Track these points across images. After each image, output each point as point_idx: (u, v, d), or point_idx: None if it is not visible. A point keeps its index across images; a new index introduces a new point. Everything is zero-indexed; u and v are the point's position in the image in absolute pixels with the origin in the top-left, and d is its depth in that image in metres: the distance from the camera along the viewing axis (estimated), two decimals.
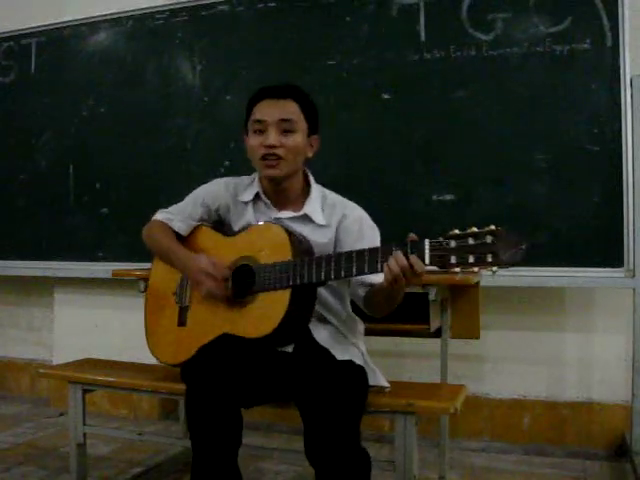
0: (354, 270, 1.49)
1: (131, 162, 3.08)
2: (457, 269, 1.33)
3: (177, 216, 1.85)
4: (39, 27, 3.28)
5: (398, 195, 2.63)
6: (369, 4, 2.69)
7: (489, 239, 1.30)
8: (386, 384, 1.78)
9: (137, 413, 3.18)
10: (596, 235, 2.43)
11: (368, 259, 1.47)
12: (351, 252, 1.51)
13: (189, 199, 1.88)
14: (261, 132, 1.71)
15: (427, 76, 2.61)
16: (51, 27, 3.26)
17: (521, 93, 2.51)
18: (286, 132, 1.70)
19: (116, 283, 3.07)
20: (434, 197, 2.60)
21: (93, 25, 3.17)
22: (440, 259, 1.35)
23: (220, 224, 1.86)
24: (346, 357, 1.68)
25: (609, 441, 2.63)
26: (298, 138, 1.71)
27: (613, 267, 2.40)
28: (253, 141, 1.72)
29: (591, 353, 2.68)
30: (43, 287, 3.47)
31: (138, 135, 3.07)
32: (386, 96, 2.66)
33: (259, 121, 1.71)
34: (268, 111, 1.70)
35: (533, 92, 2.49)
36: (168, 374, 2.15)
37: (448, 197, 2.58)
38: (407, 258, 1.38)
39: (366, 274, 1.50)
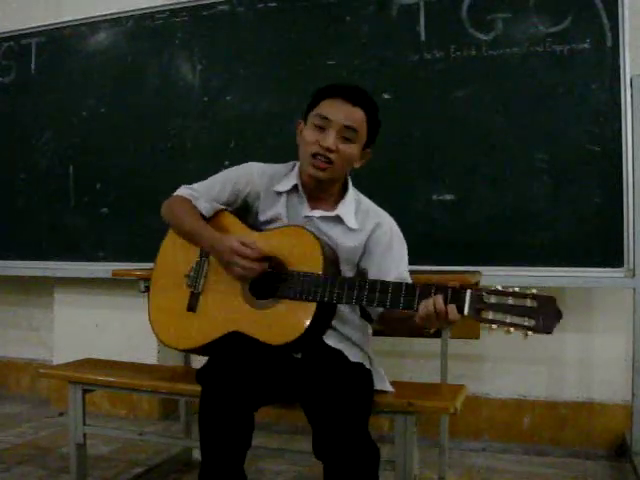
0: (388, 303, 1.49)
1: (131, 162, 3.08)
2: (493, 326, 1.35)
3: (203, 195, 1.77)
4: (39, 27, 3.28)
5: (398, 195, 2.63)
6: (369, 4, 2.69)
7: (529, 303, 1.33)
8: (391, 389, 1.78)
9: (137, 413, 3.18)
10: (596, 235, 2.43)
11: (404, 296, 1.47)
12: (387, 283, 1.50)
13: (218, 179, 1.79)
14: (321, 129, 1.65)
15: (427, 76, 2.62)
16: (51, 27, 3.26)
17: (521, 93, 2.51)
18: (345, 139, 1.65)
19: (116, 283, 3.07)
20: (434, 197, 2.60)
21: (93, 25, 3.17)
22: (478, 313, 1.37)
23: (245, 210, 1.79)
24: (357, 360, 1.68)
25: (609, 441, 2.63)
26: (355, 149, 1.67)
27: (613, 267, 2.40)
28: (310, 135, 1.66)
29: (591, 353, 2.68)
30: (43, 287, 3.47)
31: (138, 135, 3.07)
32: (386, 96, 2.66)
33: (324, 118, 1.65)
34: (336, 112, 1.64)
35: (533, 92, 2.49)
36: (168, 374, 2.16)
37: (448, 197, 2.58)
38: (445, 304, 1.39)
39: (400, 309, 1.49)
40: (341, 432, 1.48)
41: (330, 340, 1.69)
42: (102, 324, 3.27)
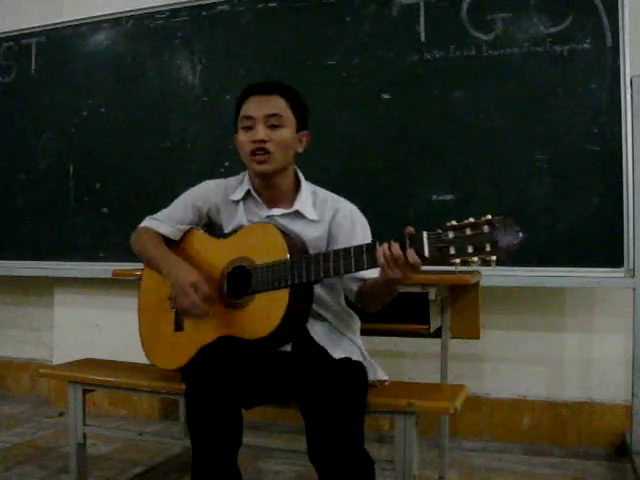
0: (353, 266, 1.49)
1: (131, 162, 3.08)
2: (457, 260, 1.32)
3: (166, 221, 1.84)
4: (39, 27, 3.28)
5: (398, 195, 2.63)
6: (369, 4, 2.69)
7: (487, 228, 1.29)
8: (385, 377, 1.79)
9: (137, 413, 3.18)
10: (596, 235, 2.43)
11: (366, 254, 1.46)
12: (348, 248, 1.51)
13: (178, 203, 1.87)
14: (249, 128, 1.72)
15: (427, 76, 2.62)
16: (51, 27, 3.26)
17: (521, 93, 2.51)
18: (274, 127, 1.70)
19: (116, 283, 3.07)
20: (434, 197, 2.60)
21: (93, 25, 3.17)
22: (439, 251, 1.34)
23: (210, 227, 1.85)
24: (343, 355, 1.68)
25: (609, 441, 2.63)
26: (286, 133, 1.72)
27: (613, 267, 2.40)
28: (242, 137, 1.73)
29: (591, 353, 2.68)
30: (43, 287, 3.48)
31: (138, 135, 3.07)
32: (386, 96, 2.66)
33: (247, 117, 1.72)
34: (255, 107, 1.72)
35: (533, 92, 2.49)
36: (168, 374, 2.15)
37: (448, 197, 2.58)
38: (404, 250, 1.38)
39: (365, 269, 1.49)
40: (332, 442, 1.48)
41: (317, 334, 1.70)
42: (102, 324, 3.27)
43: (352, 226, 1.74)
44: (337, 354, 1.67)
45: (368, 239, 1.73)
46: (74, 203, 3.20)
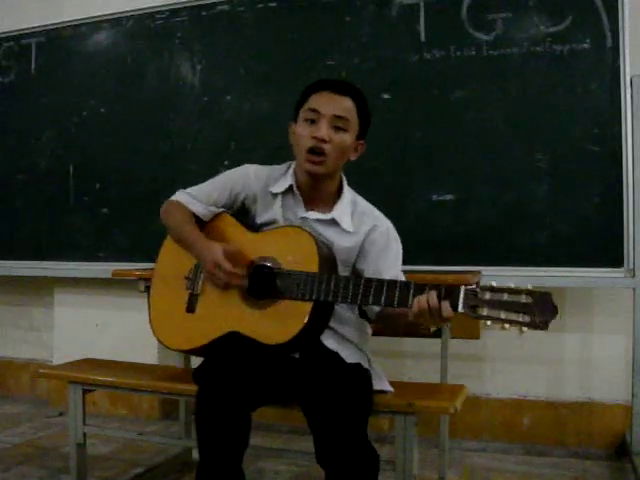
0: (382, 300, 1.48)
1: (131, 162, 3.08)
2: (488, 322, 1.34)
3: (199, 200, 1.79)
4: (39, 27, 3.28)
5: (398, 195, 2.63)
6: (369, 4, 2.69)
7: (524, 299, 1.31)
8: (390, 389, 1.78)
9: (137, 413, 3.18)
10: (596, 235, 2.43)
11: (399, 293, 1.46)
12: (382, 281, 1.49)
13: (215, 184, 1.80)
14: (313, 122, 1.65)
15: (427, 76, 2.62)
16: (51, 27, 3.26)
17: (521, 93, 2.51)
18: (338, 129, 1.66)
19: (116, 283, 3.07)
20: (434, 197, 2.60)
21: (93, 25, 3.17)
22: (472, 309, 1.36)
23: (243, 213, 1.79)
24: (354, 360, 1.68)
25: (609, 441, 2.63)
26: (348, 138, 1.68)
27: (613, 267, 2.40)
28: (302, 130, 1.67)
29: (591, 353, 2.69)
30: (43, 287, 3.47)
31: (138, 135, 3.07)
32: (386, 96, 2.66)
33: (314, 110, 1.66)
34: (325, 103, 1.65)
35: (533, 92, 2.49)
36: (168, 374, 2.16)
37: (448, 197, 2.58)
38: (439, 301, 1.39)
39: (394, 307, 1.48)
40: (340, 440, 1.48)
41: (328, 340, 1.69)
42: (102, 324, 3.27)
43: (386, 245, 1.71)
44: (349, 359, 1.67)
45: (399, 262, 1.73)
46: (74, 203, 3.20)
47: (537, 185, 2.49)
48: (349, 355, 1.69)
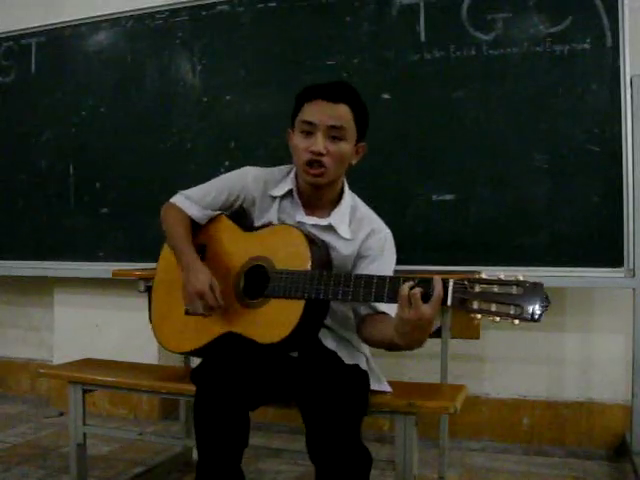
0: (372, 296, 1.47)
1: (131, 162, 3.08)
2: (478, 316, 1.31)
3: (197, 203, 1.79)
4: (39, 27, 3.28)
5: (398, 195, 2.63)
6: (369, 4, 2.69)
7: (515, 290, 1.29)
8: (388, 389, 1.78)
9: (137, 413, 3.18)
10: (596, 235, 2.42)
11: (388, 287, 1.44)
12: (372, 277, 1.48)
13: (214, 187, 1.80)
14: (309, 134, 1.64)
15: (427, 76, 2.61)
16: (51, 27, 3.26)
17: (521, 93, 2.51)
18: (334, 139, 1.63)
19: (116, 283, 3.07)
20: (434, 197, 2.60)
21: (93, 25, 3.17)
22: (461, 303, 1.33)
23: (242, 216, 1.79)
24: (353, 361, 1.68)
25: (609, 441, 2.63)
26: (346, 146, 1.65)
27: (613, 267, 2.40)
28: (299, 142, 1.65)
29: (591, 353, 2.69)
30: (43, 287, 3.47)
31: (138, 135, 3.07)
32: (386, 96, 2.66)
33: (308, 123, 1.64)
34: (319, 114, 1.62)
35: (533, 92, 2.49)
36: (168, 374, 2.16)
37: (448, 197, 2.58)
38: (428, 295, 1.35)
39: (384, 302, 1.46)
40: (331, 437, 1.48)
41: (327, 340, 1.70)
42: (102, 324, 3.27)
43: (381, 250, 1.70)
44: (347, 360, 1.67)
45: (391, 270, 1.70)
46: (74, 203, 3.20)
47: (537, 185, 2.49)
48: (347, 355, 1.69)
